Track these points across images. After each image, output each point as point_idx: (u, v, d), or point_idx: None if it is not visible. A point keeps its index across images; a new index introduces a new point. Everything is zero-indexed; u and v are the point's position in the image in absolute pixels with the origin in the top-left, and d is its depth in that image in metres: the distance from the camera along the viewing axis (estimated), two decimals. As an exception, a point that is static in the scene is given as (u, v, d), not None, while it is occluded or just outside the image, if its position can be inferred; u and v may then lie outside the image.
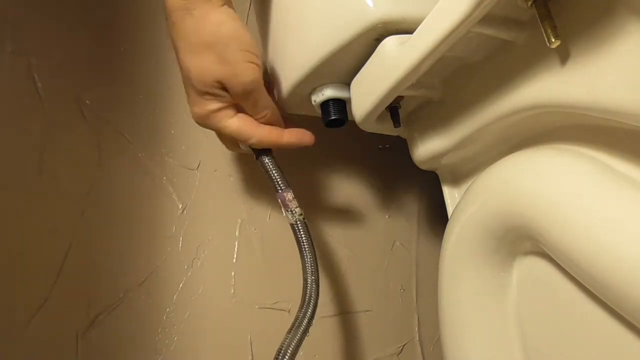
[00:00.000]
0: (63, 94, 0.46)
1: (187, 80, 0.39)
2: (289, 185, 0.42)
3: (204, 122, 0.41)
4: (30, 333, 0.41)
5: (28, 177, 0.44)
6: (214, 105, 0.39)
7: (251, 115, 0.41)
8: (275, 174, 0.42)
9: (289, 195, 0.41)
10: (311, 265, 0.40)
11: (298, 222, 0.41)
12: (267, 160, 0.42)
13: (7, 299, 0.41)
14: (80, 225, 0.45)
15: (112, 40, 0.50)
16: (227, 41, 0.36)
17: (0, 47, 0.45)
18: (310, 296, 0.39)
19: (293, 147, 0.42)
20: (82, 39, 0.48)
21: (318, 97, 0.42)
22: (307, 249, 0.41)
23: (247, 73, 0.37)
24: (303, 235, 0.41)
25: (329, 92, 0.41)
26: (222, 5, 0.36)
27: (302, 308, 0.39)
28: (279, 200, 0.42)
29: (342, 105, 0.42)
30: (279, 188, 0.41)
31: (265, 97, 0.40)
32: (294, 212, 0.41)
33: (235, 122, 0.40)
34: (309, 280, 0.40)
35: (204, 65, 0.37)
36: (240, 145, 0.43)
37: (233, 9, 0.38)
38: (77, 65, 0.48)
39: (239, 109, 0.41)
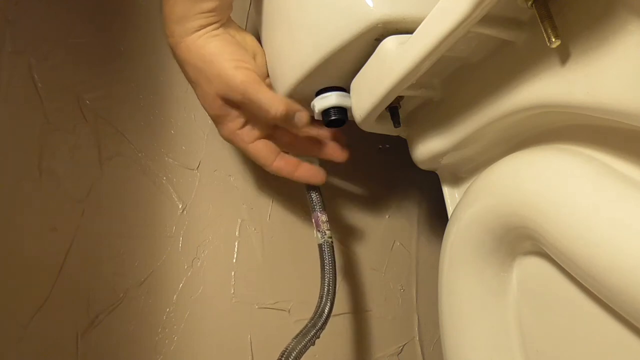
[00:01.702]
0: (63, 94, 0.47)
1: (204, 109, 0.42)
2: (325, 208, 0.45)
3: (230, 143, 0.44)
4: (30, 333, 0.41)
5: (28, 177, 0.44)
6: (229, 126, 0.42)
7: (266, 119, 0.41)
8: (314, 196, 0.45)
9: (323, 217, 0.44)
10: (329, 286, 0.42)
11: (326, 244, 0.44)
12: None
13: (7, 299, 0.41)
14: (80, 225, 0.45)
15: (112, 40, 0.50)
16: (212, 58, 0.38)
17: (0, 47, 0.45)
18: (323, 311, 0.41)
19: (304, 182, 0.45)
20: (82, 38, 0.48)
21: (319, 104, 0.41)
22: (328, 270, 0.43)
23: (235, 76, 0.38)
24: (328, 257, 0.43)
25: (332, 100, 0.41)
26: (201, 28, 0.38)
27: (312, 319, 0.40)
28: (313, 220, 0.45)
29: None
30: (315, 208, 0.44)
31: (266, 94, 0.39)
32: (324, 233, 0.44)
33: (253, 148, 0.43)
34: (324, 298, 0.42)
35: (204, 90, 0.40)
36: None
37: (219, 21, 0.38)
38: (77, 65, 0.48)
39: (259, 130, 0.42)
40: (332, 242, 0.44)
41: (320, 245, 0.44)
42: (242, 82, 0.38)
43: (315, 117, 0.43)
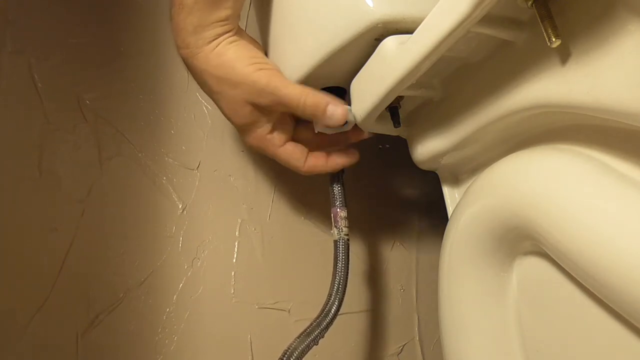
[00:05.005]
0: (63, 94, 0.47)
1: (228, 120, 0.41)
2: (345, 204, 0.44)
3: (258, 151, 0.43)
4: (30, 333, 0.41)
5: (28, 177, 0.44)
6: (259, 132, 0.41)
7: (299, 114, 0.40)
8: (336, 190, 0.44)
9: (342, 214, 0.43)
10: (339, 284, 0.41)
11: (341, 240, 0.43)
12: (335, 175, 0.45)
13: (7, 299, 0.41)
14: (80, 225, 0.45)
15: (112, 40, 0.50)
16: (233, 64, 0.37)
17: (0, 47, 0.45)
18: (330, 310, 0.40)
19: (340, 168, 0.44)
20: (82, 38, 0.48)
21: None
22: (341, 267, 0.42)
23: (260, 78, 0.38)
24: (342, 254, 0.42)
25: (351, 118, 0.40)
26: (218, 37, 0.37)
27: (318, 318, 0.40)
28: (332, 215, 0.44)
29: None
30: (335, 203, 0.44)
31: (295, 87, 0.38)
32: (341, 230, 0.43)
33: (283, 153, 0.42)
34: (333, 296, 0.41)
35: (230, 98, 0.39)
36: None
37: (233, 29, 0.38)
38: (77, 65, 0.48)
39: (287, 132, 0.42)
40: (348, 239, 0.43)
41: (335, 242, 0.43)
42: (268, 83, 0.38)
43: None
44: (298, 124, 0.43)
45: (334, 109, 0.39)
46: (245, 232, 0.52)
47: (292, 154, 0.42)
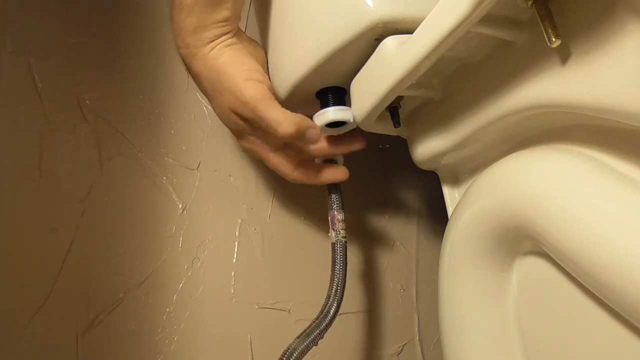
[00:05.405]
0: (63, 94, 0.47)
1: (221, 121, 0.41)
2: (343, 207, 0.44)
3: (251, 153, 0.43)
4: (30, 333, 0.41)
5: (28, 177, 0.44)
6: (249, 137, 0.41)
7: (272, 141, 0.40)
8: (333, 194, 0.45)
9: (340, 216, 0.44)
10: (337, 286, 0.42)
11: (339, 243, 0.43)
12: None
13: (7, 299, 0.41)
14: (80, 225, 0.45)
15: (112, 40, 0.50)
16: (225, 69, 0.37)
17: (0, 47, 0.45)
18: (328, 312, 0.40)
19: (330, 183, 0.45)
20: (82, 38, 0.48)
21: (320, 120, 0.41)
22: (339, 270, 0.42)
23: (246, 90, 0.37)
24: (340, 257, 0.43)
25: (331, 115, 0.40)
26: (216, 38, 0.37)
27: (317, 319, 0.40)
28: (329, 217, 0.44)
29: (342, 104, 0.42)
30: (332, 206, 0.44)
31: (276, 113, 0.37)
32: (338, 232, 0.43)
33: (273, 158, 0.42)
34: (331, 298, 0.41)
35: (218, 103, 0.39)
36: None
37: (232, 30, 0.38)
38: (77, 65, 0.48)
39: (277, 139, 0.41)
40: (345, 242, 0.43)
41: (333, 245, 0.43)
42: (252, 98, 0.37)
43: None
44: None
45: (312, 134, 0.40)
46: (245, 232, 0.52)
47: (281, 161, 0.42)
